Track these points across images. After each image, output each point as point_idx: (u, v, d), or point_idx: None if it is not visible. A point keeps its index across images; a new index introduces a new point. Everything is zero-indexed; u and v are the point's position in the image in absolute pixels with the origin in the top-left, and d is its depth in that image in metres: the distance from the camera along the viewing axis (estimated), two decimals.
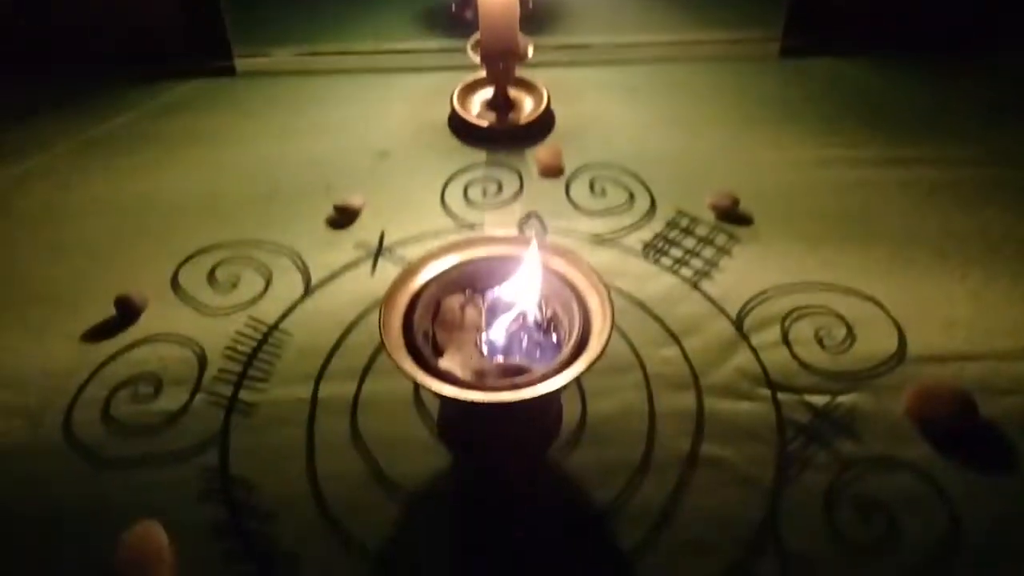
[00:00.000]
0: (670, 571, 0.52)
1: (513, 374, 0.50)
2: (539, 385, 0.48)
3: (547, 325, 0.56)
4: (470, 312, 0.55)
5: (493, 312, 0.55)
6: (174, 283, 0.73)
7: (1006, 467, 0.57)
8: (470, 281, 0.57)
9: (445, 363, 0.51)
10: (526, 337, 0.55)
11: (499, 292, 0.55)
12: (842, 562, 0.52)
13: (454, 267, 0.56)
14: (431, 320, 0.55)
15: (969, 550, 0.53)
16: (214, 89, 1.03)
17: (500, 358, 0.53)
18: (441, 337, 0.54)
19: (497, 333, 0.54)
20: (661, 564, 0.52)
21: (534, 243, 0.55)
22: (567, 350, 0.50)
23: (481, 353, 0.53)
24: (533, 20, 1.10)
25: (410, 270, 0.55)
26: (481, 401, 0.47)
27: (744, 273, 0.72)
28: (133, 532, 0.53)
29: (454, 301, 0.55)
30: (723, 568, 0.52)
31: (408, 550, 0.54)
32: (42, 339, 0.67)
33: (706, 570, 0.52)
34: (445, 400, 0.57)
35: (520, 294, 0.54)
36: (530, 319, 0.55)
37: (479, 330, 0.54)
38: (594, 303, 0.53)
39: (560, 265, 0.55)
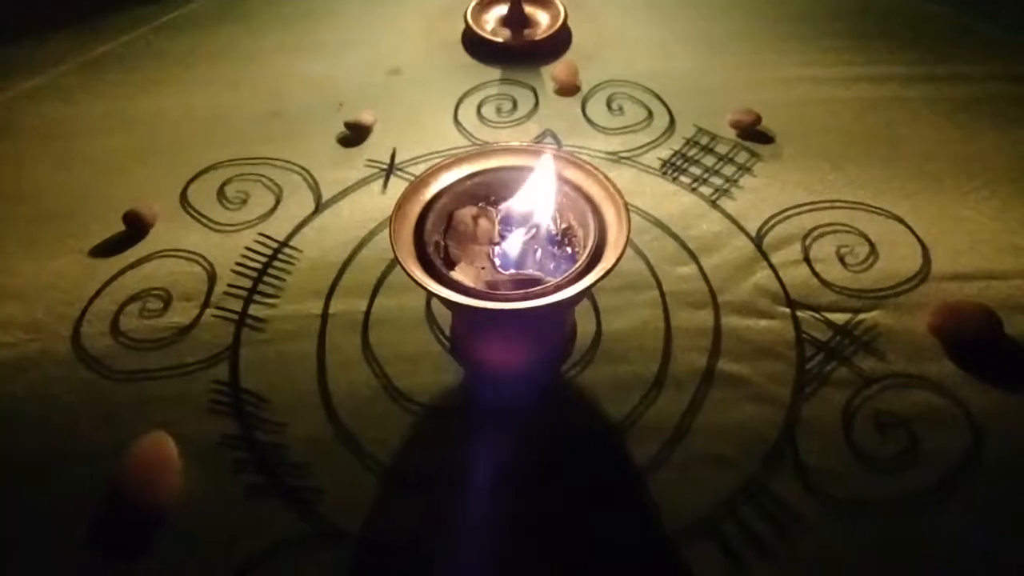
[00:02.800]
0: (685, 484, 0.51)
1: (526, 286, 0.49)
2: (553, 294, 0.47)
3: (561, 237, 0.55)
4: (483, 224, 0.54)
5: (507, 224, 0.54)
6: (183, 199, 0.72)
7: None
8: (483, 192, 0.55)
9: (457, 275, 0.50)
10: (540, 249, 0.54)
11: (513, 203, 0.54)
12: (860, 477, 0.51)
13: (466, 178, 0.55)
14: (443, 232, 0.54)
15: (990, 468, 0.51)
16: (224, 6, 1.00)
17: (513, 270, 0.51)
18: (453, 249, 0.53)
19: (511, 245, 0.53)
20: (676, 478, 0.52)
21: (548, 154, 0.53)
22: (582, 261, 0.49)
23: (494, 265, 0.51)
24: None
25: (421, 180, 0.54)
26: (493, 309, 0.46)
27: (765, 191, 0.70)
28: (141, 442, 0.53)
29: (467, 212, 0.54)
30: (739, 482, 0.51)
31: (419, 463, 0.53)
32: (50, 254, 0.66)
33: (722, 483, 0.51)
34: (457, 313, 0.56)
35: (534, 205, 0.53)
36: (544, 231, 0.54)
37: (492, 242, 0.53)
38: (610, 214, 0.52)
39: (575, 176, 0.54)
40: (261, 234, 0.68)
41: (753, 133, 0.76)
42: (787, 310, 0.61)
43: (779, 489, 0.51)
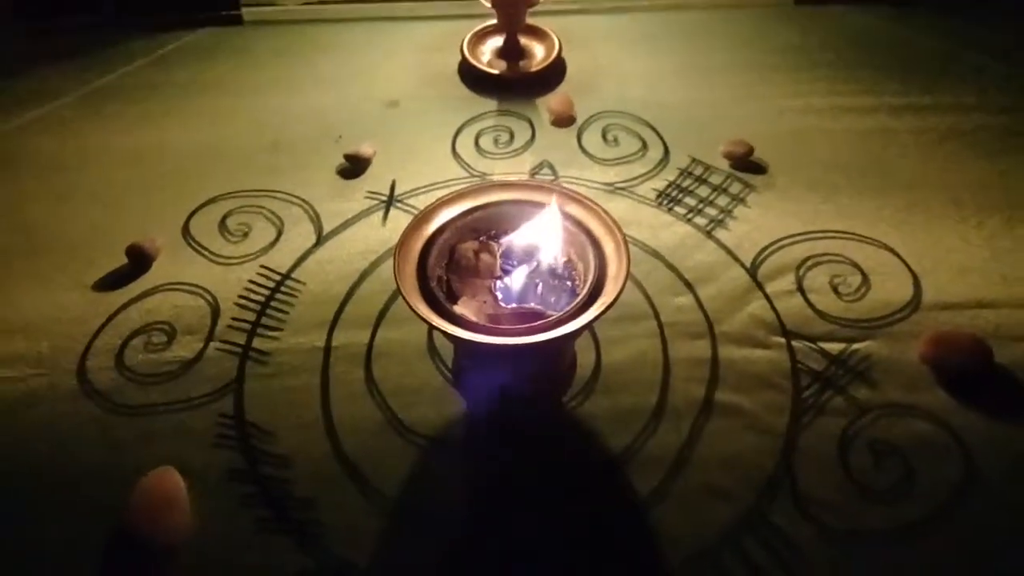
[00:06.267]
0: (685, 516, 0.52)
1: (528, 319, 0.50)
2: (554, 329, 0.47)
3: (562, 271, 0.55)
4: (485, 258, 0.54)
5: (508, 258, 0.55)
6: (185, 232, 0.72)
7: (1022, 413, 0.57)
8: (484, 227, 0.56)
9: (459, 309, 0.51)
10: (541, 283, 0.55)
11: (514, 238, 0.54)
12: (857, 507, 0.52)
13: (468, 212, 0.55)
14: (445, 266, 0.54)
15: (984, 496, 0.53)
16: (221, 38, 1.02)
17: (515, 304, 0.52)
18: (455, 283, 0.54)
19: (512, 279, 0.54)
20: (676, 510, 0.53)
21: (554, 197, 0.54)
22: (582, 295, 0.50)
23: (496, 299, 0.52)
24: None
25: (423, 216, 0.54)
26: (495, 344, 0.47)
27: (759, 221, 0.71)
28: (148, 477, 0.53)
29: (468, 247, 0.55)
30: (738, 513, 0.52)
31: (423, 496, 0.54)
32: (53, 289, 0.67)
33: (721, 515, 0.52)
34: (459, 346, 0.57)
35: (536, 240, 0.54)
36: (545, 265, 0.54)
37: (494, 276, 0.54)
38: (609, 248, 0.52)
39: (575, 210, 0.55)
40: (263, 267, 0.69)
41: (746, 163, 0.77)
42: (783, 340, 0.62)
43: (778, 520, 0.52)
